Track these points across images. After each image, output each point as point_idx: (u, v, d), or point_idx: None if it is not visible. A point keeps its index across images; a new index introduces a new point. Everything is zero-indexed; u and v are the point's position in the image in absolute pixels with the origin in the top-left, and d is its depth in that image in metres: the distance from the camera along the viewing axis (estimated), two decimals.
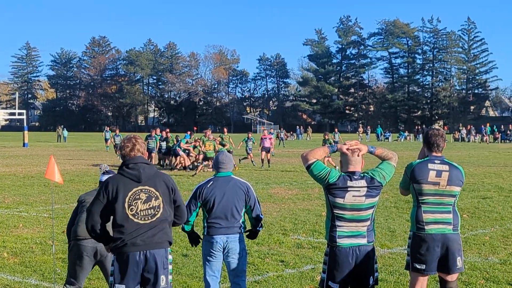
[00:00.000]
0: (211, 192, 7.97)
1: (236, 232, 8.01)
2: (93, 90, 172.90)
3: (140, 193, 6.57)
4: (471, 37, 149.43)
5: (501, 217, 16.96)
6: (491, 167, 35.16)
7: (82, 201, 8.43)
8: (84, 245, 8.05)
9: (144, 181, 6.60)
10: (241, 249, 8.06)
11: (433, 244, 7.19)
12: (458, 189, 7.31)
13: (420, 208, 7.28)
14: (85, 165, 37.00)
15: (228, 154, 8.49)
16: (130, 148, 6.72)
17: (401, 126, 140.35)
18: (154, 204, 6.57)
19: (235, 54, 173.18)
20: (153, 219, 6.54)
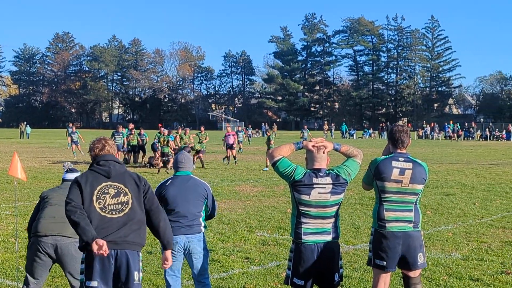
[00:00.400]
0: (170, 192, 7.98)
1: (196, 231, 8.00)
2: (56, 87, 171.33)
3: (109, 188, 6.54)
4: (435, 35, 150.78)
5: (464, 214, 17.13)
6: (454, 164, 35.51)
7: (45, 197, 8.35)
8: (44, 241, 7.95)
9: (113, 177, 6.58)
10: (202, 248, 8.06)
11: (394, 241, 7.23)
12: (420, 187, 7.33)
13: (382, 206, 7.30)
14: (49, 162, 36.66)
15: (187, 154, 8.51)
16: (100, 148, 6.72)
17: (366, 123, 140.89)
18: (122, 200, 6.52)
19: (200, 51, 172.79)
20: (120, 214, 6.47)
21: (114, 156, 6.81)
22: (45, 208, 8.15)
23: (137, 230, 6.54)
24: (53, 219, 8.01)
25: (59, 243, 7.91)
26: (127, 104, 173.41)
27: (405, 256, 7.29)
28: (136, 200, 6.59)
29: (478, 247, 12.81)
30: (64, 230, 7.90)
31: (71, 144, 42.49)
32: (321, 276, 6.82)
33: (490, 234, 14.20)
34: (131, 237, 6.46)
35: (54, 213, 8.06)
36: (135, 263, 6.48)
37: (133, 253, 6.46)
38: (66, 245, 7.92)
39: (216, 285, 9.93)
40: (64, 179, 8.78)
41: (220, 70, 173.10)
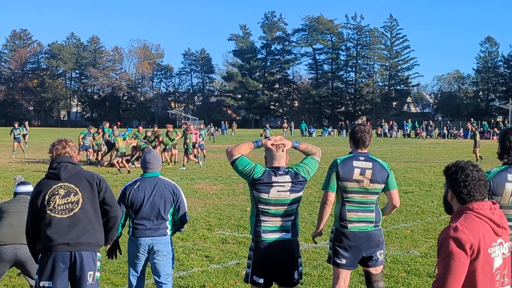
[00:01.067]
0: (137, 193, 7.82)
1: (162, 234, 7.87)
2: (13, 84, 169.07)
3: (59, 189, 6.55)
4: (393, 34, 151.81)
5: (422, 211, 17.30)
6: (412, 162, 35.83)
7: (0, 208, 8.27)
8: (3, 250, 7.86)
9: (64, 178, 6.57)
10: (167, 251, 7.93)
11: (354, 240, 7.24)
12: (381, 186, 7.33)
13: (345, 206, 7.30)
14: (6, 160, 36.20)
15: (156, 153, 8.34)
16: (59, 150, 6.73)
17: (325, 122, 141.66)
18: (72, 199, 6.51)
19: (159, 49, 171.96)
20: (70, 213, 6.47)
21: (71, 157, 6.77)
22: (2, 218, 8.07)
23: (91, 230, 6.54)
24: (11, 227, 7.95)
25: (19, 252, 7.86)
26: (85, 102, 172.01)
27: (366, 254, 7.32)
28: (88, 199, 6.56)
29: (436, 244, 12.92)
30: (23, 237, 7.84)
31: (13, 142, 41.60)
32: (281, 273, 6.82)
33: None
34: (85, 238, 6.47)
35: (12, 221, 8.01)
36: (90, 263, 6.47)
37: (88, 254, 6.48)
38: (26, 253, 7.84)
39: (176, 283, 9.89)
40: (16, 192, 8.72)
41: (180, 68, 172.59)
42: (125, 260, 11.38)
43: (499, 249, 4.30)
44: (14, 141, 41.46)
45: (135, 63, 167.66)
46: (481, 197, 4.41)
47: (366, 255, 7.32)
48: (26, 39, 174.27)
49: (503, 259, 4.34)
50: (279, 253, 6.76)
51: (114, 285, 9.96)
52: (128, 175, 27.20)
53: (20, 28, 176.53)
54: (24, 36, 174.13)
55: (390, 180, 7.41)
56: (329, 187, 7.35)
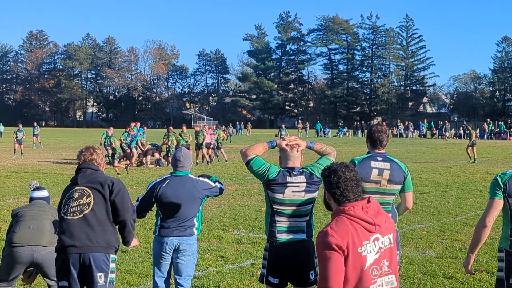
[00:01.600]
0: (166, 193, 7.72)
1: (189, 233, 7.80)
2: (30, 85, 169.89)
3: (74, 192, 6.71)
4: (409, 34, 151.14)
5: (438, 212, 17.23)
6: (428, 162, 35.70)
7: (17, 213, 8.36)
8: (19, 252, 7.91)
9: (81, 182, 6.73)
10: (192, 251, 7.87)
11: None
12: (398, 187, 7.29)
13: None
14: (22, 161, 36.36)
15: (187, 151, 8.22)
16: (86, 157, 6.95)
17: (340, 122, 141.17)
18: (84, 202, 6.62)
19: (174, 49, 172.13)
20: (80, 215, 6.57)
21: (97, 164, 6.96)
22: (19, 222, 8.14)
23: (102, 231, 6.60)
24: (28, 229, 8.00)
25: (35, 254, 7.91)
26: (101, 103, 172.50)
27: None
28: (100, 201, 6.65)
29: (452, 245, 12.88)
30: (41, 239, 7.92)
31: (15, 142, 40.56)
32: (296, 274, 6.80)
33: (464, 232, 14.28)
34: (95, 240, 6.55)
35: (30, 224, 8.06)
36: (100, 265, 6.53)
37: (97, 255, 6.53)
38: (43, 255, 7.92)
39: (191, 283, 9.89)
40: (32, 197, 8.77)
41: (195, 69, 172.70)
42: (141, 260, 11.43)
43: (373, 245, 4.53)
44: (16, 142, 40.54)
45: (150, 64, 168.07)
46: (354, 196, 4.64)
47: None
48: (42, 39, 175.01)
49: (381, 252, 4.57)
50: (294, 253, 6.74)
51: (130, 285, 9.98)
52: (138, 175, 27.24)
53: (36, 29, 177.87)
54: (40, 37, 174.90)
55: (407, 182, 7.37)
56: None
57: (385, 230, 4.67)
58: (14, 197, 20.36)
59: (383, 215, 4.71)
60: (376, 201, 4.75)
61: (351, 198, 4.63)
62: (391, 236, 4.70)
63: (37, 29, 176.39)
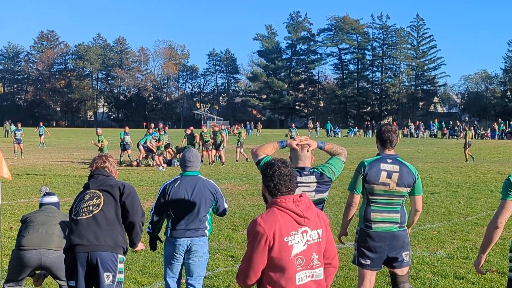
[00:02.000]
0: (178, 193, 7.72)
1: (200, 235, 7.81)
2: (41, 85, 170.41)
3: (85, 195, 6.84)
4: (420, 33, 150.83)
5: (448, 212, 17.18)
6: (439, 162, 35.62)
7: (27, 218, 8.41)
8: (27, 255, 7.94)
9: (92, 187, 6.87)
10: (204, 252, 7.89)
11: (379, 241, 7.20)
12: (407, 189, 7.27)
13: (369, 207, 7.26)
14: (34, 160, 36.48)
15: (196, 151, 8.21)
16: (98, 164, 7.12)
17: (351, 122, 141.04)
18: (94, 202, 6.73)
19: (184, 49, 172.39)
20: (89, 215, 6.66)
21: (109, 172, 7.11)
22: (28, 226, 8.20)
23: (110, 231, 6.66)
24: (37, 233, 8.06)
25: (44, 257, 7.95)
26: (112, 103, 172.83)
27: (391, 255, 7.27)
28: (110, 202, 6.75)
29: (463, 245, 12.85)
30: (49, 243, 7.97)
31: (14, 142, 39.62)
32: None
33: (475, 233, 14.23)
34: (103, 239, 6.60)
35: (38, 228, 8.10)
36: (107, 265, 6.57)
37: (105, 255, 6.58)
38: (51, 258, 7.96)
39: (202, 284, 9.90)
40: (42, 203, 8.82)
41: (205, 69, 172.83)
42: (151, 259, 11.44)
43: (301, 237, 4.80)
44: (15, 142, 39.67)
45: (161, 64, 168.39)
46: (286, 190, 4.93)
47: (391, 256, 7.26)
48: (53, 40, 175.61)
49: (309, 245, 4.85)
50: None
51: (140, 285, 9.99)
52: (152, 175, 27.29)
53: (47, 29, 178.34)
54: (51, 37, 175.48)
55: (417, 186, 7.36)
56: (355, 189, 7.32)
57: (314, 225, 4.95)
58: (25, 197, 20.43)
59: (314, 210, 5.00)
60: (308, 197, 5.04)
61: (284, 191, 4.91)
62: (321, 232, 4.99)
63: (48, 30, 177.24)
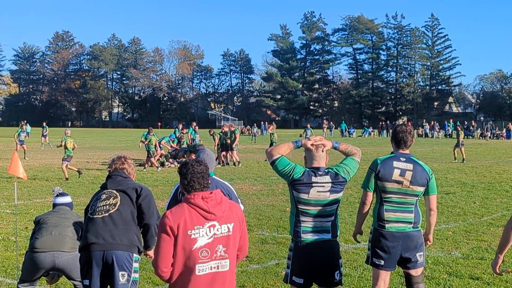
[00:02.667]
0: None
1: None
2: (56, 85, 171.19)
3: (102, 194, 6.92)
4: (435, 33, 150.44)
5: (464, 212, 17.11)
6: (454, 162, 35.48)
7: (40, 220, 8.44)
8: (41, 258, 7.98)
9: (110, 187, 6.96)
10: None
11: (393, 241, 7.17)
12: (421, 189, 7.25)
13: (383, 206, 7.25)
14: (48, 161, 36.63)
15: (210, 152, 8.14)
16: (117, 165, 7.23)
17: (365, 122, 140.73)
18: (111, 202, 6.81)
19: (199, 50, 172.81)
20: (106, 214, 6.73)
21: (128, 173, 7.24)
22: (41, 228, 8.22)
23: (125, 231, 6.72)
24: (50, 235, 8.08)
25: (57, 260, 7.98)
26: (126, 103, 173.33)
27: (405, 256, 7.25)
28: (126, 203, 6.83)
29: (478, 245, 12.80)
30: (62, 245, 7.99)
31: (17, 143, 39.47)
32: (321, 274, 6.80)
33: (490, 233, 14.18)
34: (119, 238, 6.65)
35: (52, 230, 8.13)
36: (122, 263, 6.59)
37: (120, 254, 6.61)
38: (64, 260, 7.99)
39: None
40: (55, 203, 8.84)
41: (219, 69, 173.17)
42: None
43: (207, 230, 5.21)
44: (18, 143, 39.46)
45: (175, 64, 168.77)
46: (199, 187, 5.36)
47: (405, 256, 7.24)
48: (68, 40, 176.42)
49: (215, 238, 5.23)
50: (319, 253, 6.73)
51: (155, 284, 10.01)
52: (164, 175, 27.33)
53: (62, 30, 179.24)
54: (66, 38, 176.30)
55: (431, 185, 7.34)
56: (368, 186, 7.33)
57: (224, 219, 5.32)
58: (40, 196, 20.52)
59: (225, 206, 5.36)
60: (221, 193, 5.42)
61: (197, 188, 5.34)
62: (231, 226, 5.35)
63: (63, 30, 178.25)
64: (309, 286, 6.87)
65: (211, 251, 5.20)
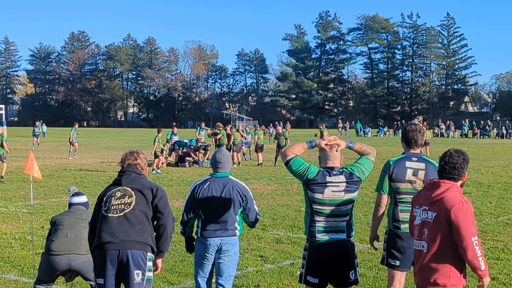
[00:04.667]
0: (207, 193, 7.71)
1: (231, 234, 7.78)
2: (72, 85, 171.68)
3: (117, 191, 6.83)
4: (451, 32, 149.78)
5: (480, 212, 17.03)
6: (470, 162, 35.25)
7: (56, 221, 8.49)
8: (57, 260, 8.03)
9: (124, 184, 6.87)
10: (234, 252, 7.86)
11: (408, 242, 7.14)
12: None
13: (397, 207, 7.24)
14: (65, 160, 36.78)
15: (227, 152, 8.15)
16: (130, 161, 7.10)
17: (381, 122, 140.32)
18: (126, 201, 6.73)
19: (214, 49, 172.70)
20: (121, 213, 6.67)
21: (140, 169, 7.11)
22: (57, 230, 8.27)
23: (140, 230, 6.68)
24: (66, 238, 8.14)
25: (73, 262, 8.04)
26: (142, 103, 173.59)
27: None
28: (141, 202, 6.75)
29: (494, 246, 12.76)
30: (78, 248, 8.05)
31: (33, 137, 48.44)
32: (336, 274, 6.80)
33: (506, 233, 14.13)
34: (133, 237, 6.61)
35: (67, 232, 8.18)
36: (137, 262, 6.58)
37: (135, 253, 6.60)
38: (80, 263, 8.06)
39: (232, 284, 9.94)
40: (71, 203, 8.89)
41: (234, 69, 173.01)
42: (181, 259, 11.50)
43: None
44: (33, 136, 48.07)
45: (190, 64, 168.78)
46: None
47: None
48: (84, 41, 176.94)
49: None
50: (334, 253, 6.73)
51: (170, 284, 10.05)
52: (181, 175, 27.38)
53: (78, 30, 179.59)
54: (82, 38, 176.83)
55: None
56: (382, 189, 7.34)
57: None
58: (56, 196, 20.63)
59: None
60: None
61: None
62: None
63: (79, 30, 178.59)
64: (324, 286, 6.87)
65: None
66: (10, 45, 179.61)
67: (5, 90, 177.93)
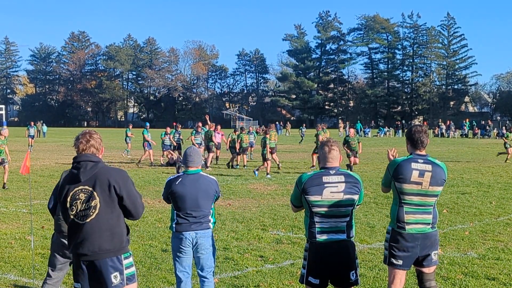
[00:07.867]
0: (180, 188, 7.99)
1: (205, 227, 8.05)
2: (72, 85, 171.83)
3: (80, 193, 6.38)
4: (451, 32, 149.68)
5: (480, 212, 17.04)
6: (470, 162, 35.34)
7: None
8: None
9: (84, 180, 6.38)
10: (210, 244, 8.12)
11: (412, 242, 7.17)
12: (440, 189, 7.27)
13: (402, 208, 7.20)
14: (65, 160, 36.78)
15: (196, 148, 8.48)
16: (83, 144, 6.50)
17: (381, 122, 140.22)
18: (90, 205, 6.33)
19: (214, 50, 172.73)
20: (87, 219, 6.33)
21: (95, 154, 6.54)
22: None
23: (110, 236, 6.38)
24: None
25: None
26: (142, 103, 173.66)
27: (422, 255, 7.25)
28: (106, 202, 6.35)
29: (494, 246, 12.74)
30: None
31: (28, 138, 48.78)
32: (337, 274, 6.80)
33: (506, 233, 14.12)
34: (104, 246, 6.34)
35: None
36: (110, 268, 6.32)
37: (107, 261, 6.33)
38: None
39: (230, 283, 9.93)
40: None
41: (234, 69, 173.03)
42: None
43: None
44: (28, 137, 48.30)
45: (190, 64, 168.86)
46: None
47: (422, 255, 7.24)
48: (84, 41, 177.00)
49: None
50: (334, 254, 6.73)
51: (170, 284, 10.04)
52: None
53: (78, 30, 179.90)
54: (82, 38, 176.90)
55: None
56: (384, 184, 7.46)
57: None
58: None
59: None
60: None
61: None
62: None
63: (79, 31, 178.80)
64: (325, 286, 6.87)
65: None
66: (10, 45, 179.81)
67: (5, 90, 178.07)
